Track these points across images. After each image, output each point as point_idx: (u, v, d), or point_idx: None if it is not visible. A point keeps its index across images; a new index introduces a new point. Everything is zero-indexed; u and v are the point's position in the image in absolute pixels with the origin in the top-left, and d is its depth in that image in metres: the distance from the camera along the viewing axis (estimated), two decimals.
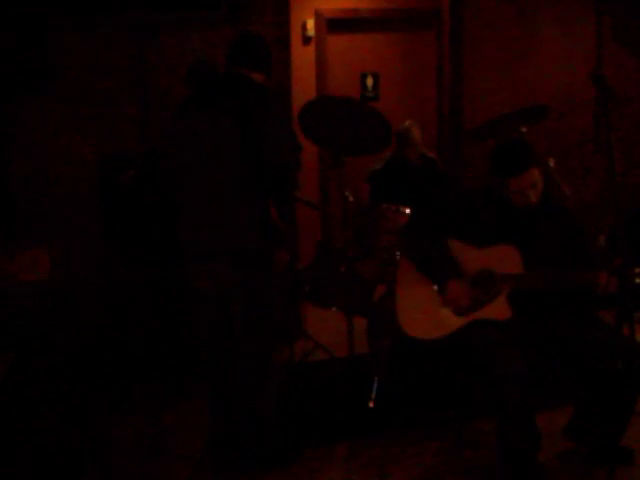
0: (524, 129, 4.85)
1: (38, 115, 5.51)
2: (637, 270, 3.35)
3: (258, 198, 3.67)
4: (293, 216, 6.07)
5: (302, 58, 7.07)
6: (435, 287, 3.71)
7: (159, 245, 5.05)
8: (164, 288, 5.13)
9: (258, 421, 3.77)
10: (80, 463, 3.96)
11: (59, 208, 5.58)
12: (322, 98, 6.22)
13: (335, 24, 7.23)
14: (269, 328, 3.81)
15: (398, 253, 4.42)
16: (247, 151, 3.58)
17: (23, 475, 3.87)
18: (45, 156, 5.55)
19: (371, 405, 4.27)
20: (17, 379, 4.69)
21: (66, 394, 4.73)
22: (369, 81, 7.34)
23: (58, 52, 5.49)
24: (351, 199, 4.62)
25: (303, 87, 6.93)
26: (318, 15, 7.18)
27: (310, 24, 7.15)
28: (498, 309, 3.61)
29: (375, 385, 4.32)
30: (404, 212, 4.64)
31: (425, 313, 3.70)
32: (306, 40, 7.16)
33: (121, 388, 4.84)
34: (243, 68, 3.81)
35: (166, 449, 4.09)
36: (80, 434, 4.27)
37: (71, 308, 5.30)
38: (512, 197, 3.62)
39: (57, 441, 4.17)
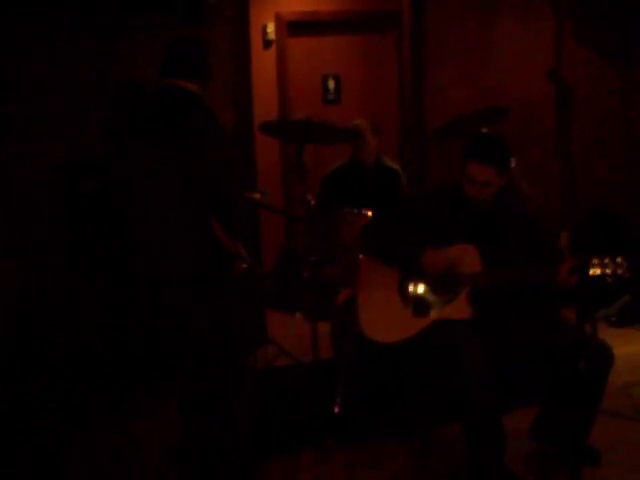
0: (484, 130, 4.84)
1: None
2: (593, 261, 3.35)
3: (201, 222, 3.60)
4: (256, 221, 6.04)
5: (263, 62, 7.02)
6: (397, 281, 3.70)
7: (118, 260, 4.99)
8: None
9: (229, 431, 3.73)
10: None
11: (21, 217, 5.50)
12: (281, 121, 6.20)
13: (296, 27, 7.19)
14: (236, 340, 3.77)
15: (361, 256, 4.40)
16: (184, 178, 3.52)
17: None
18: (7, 164, 5.47)
19: (336, 410, 4.23)
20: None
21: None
22: (330, 84, 7.32)
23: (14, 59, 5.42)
24: (313, 203, 4.59)
25: (264, 91, 6.90)
26: (278, 18, 7.14)
27: (270, 27, 7.11)
28: (459, 309, 3.59)
29: (340, 390, 4.28)
30: (366, 215, 4.61)
31: (386, 316, 3.67)
32: (267, 44, 7.12)
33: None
34: (176, 78, 3.68)
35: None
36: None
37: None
38: (464, 184, 3.61)
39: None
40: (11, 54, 5.39)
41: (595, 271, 3.33)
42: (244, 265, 3.86)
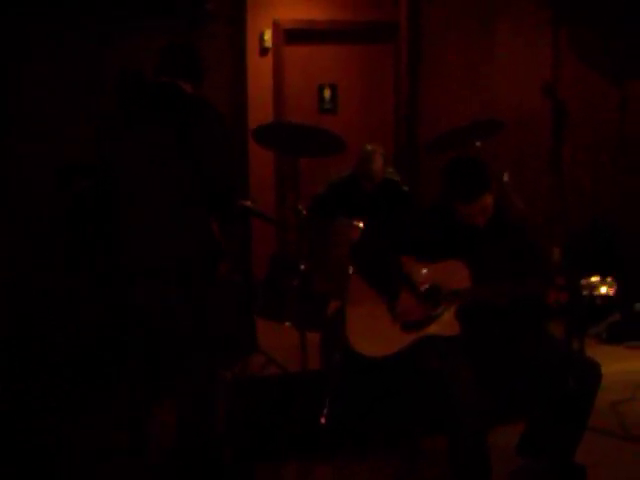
0: (478, 143, 4.83)
1: None
2: (584, 282, 3.35)
3: (198, 214, 3.59)
4: (248, 229, 6.03)
5: (259, 69, 7.01)
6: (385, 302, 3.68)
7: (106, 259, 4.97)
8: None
9: (204, 437, 3.69)
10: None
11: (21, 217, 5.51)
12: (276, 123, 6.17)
13: (293, 35, 7.19)
14: (213, 343, 3.74)
15: (351, 267, 4.38)
16: (184, 168, 3.50)
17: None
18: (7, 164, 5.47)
19: (323, 421, 4.21)
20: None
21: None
22: (327, 93, 7.31)
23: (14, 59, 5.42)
24: (304, 213, 4.58)
25: (260, 98, 6.89)
26: (276, 26, 7.12)
27: (267, 35, 7.09)
28: (447, 325, 3.58)
29: (327, 401, 4.27)
30: (357, 226, 4.60)
31: (374, 330, 3.66)
32: (263, 51, 7.11)
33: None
34: (174, 78, 3.68)
35: None
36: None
37: None
38: (460, 216, 3.60)
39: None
40: (11, 54, 5.39)
41: (584, 292, 3.32)
42: (227, 265, 3.85)
